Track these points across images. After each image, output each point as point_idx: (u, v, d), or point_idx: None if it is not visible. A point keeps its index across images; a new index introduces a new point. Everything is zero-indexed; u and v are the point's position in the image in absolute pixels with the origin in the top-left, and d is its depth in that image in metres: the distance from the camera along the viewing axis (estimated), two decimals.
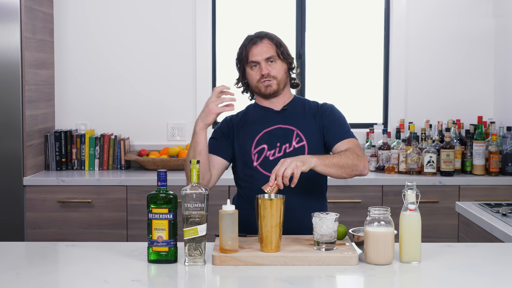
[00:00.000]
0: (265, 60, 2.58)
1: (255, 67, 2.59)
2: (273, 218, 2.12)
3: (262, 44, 2.59)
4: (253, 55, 2.59)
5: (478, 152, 4.02)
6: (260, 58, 2.58)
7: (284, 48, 2.62)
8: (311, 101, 2.71)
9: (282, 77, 2.61)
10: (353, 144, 2.56)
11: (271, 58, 2.58)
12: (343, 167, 2.42)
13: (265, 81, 2.58)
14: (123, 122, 4.48)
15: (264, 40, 2.60)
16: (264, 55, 2.58)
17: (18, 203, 3.89)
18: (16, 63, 3.84)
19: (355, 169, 2.45)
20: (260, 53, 2.58)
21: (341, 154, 2.46)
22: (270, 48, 2.59)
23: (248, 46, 2.60)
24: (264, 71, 2.57)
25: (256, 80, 2.60)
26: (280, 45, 2.61)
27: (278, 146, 2.58)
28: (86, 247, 2.33)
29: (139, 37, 4.48)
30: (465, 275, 2.01)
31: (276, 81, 2.59)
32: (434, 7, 4.48)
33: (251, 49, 2.59)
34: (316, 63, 4.62)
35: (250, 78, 2.63)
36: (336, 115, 2.65)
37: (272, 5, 4.61)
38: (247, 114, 2.70)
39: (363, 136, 4.44)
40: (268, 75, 2.58)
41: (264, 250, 2.13)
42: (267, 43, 2.60)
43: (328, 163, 2.39)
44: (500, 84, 4.41)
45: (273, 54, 2.58)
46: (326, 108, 2.66)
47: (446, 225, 3.88)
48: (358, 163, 2.45)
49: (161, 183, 2.12)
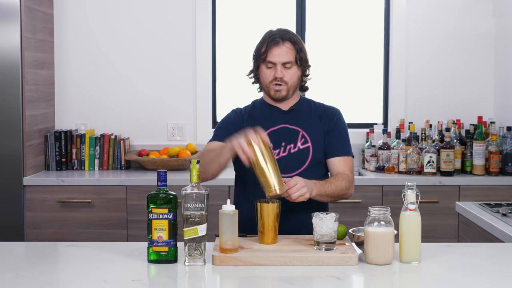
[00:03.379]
0: (282, 64, 2.54)
1: (270, 67, 2.56)
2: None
3: (283, 47, 2.54)
4: (272, 56, 2.54)
5: (478, 152, 4.02)
6: (278, 60, 2.53)
7: (303, 54, 2.58)
8: (317, 102, 2.70)
9: (294, 83, 2.58)
10: (348, 168, 2.60)
11: (288, 63, 2.54)
12: (333, 196, 2.51)
13: (276, 84, 2.56)
14: (123, 122, 4.48)
15: (286, 43, 2.54)
16: (283, 59, 2.53)
17: (18, 203, 3.89)
18: (16, 63, 3.84)
19: (342, 198, 2.57)
20: (280, 55, 2.53)
21: (337, 182, 2.50)
22: (290, 53, 2.54)
23: (270, 44, 2.54)
24: (278, 74, 2.54)
25: (268, 80, 2.57)
26: (301, 51, 2.56)
27: (283, 145, 2.58)
28: (86, 247, 2.33)
29: (139, 37, 4.48)
30: (465, 275, 2.01)
31: (287, 87, 2.56)
32: (434, 6, 4.48)
33: (272, 49, 2.54)
34: (316, 63, 4.60)
35: (263, 76, 2.59)
36: (342, 126, 2.65)
37: (272, 5, 4.61)
38: (254, 109, 2.67)
39: (363, 136, 4.44)
40: (281, 79, 2.55)
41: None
42: (289, 47, 2.54)
43: (324, 193, 2.46)
44: (500, 84, 4.41)
45: (292, 59, 2.54)
46: (334, 114, 2.66)
47: (446, 225, 3.88)
48: (347, 192, 2.55)
49: (161, 183, 2.12)
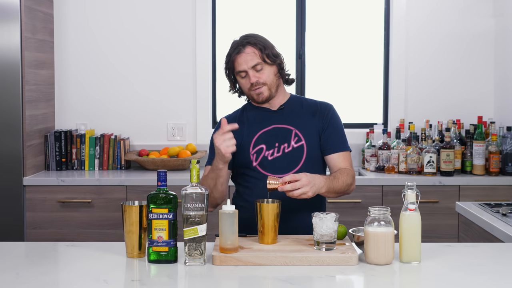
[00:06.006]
0: (251, 68, 2.53)
1: (244, 76, 2.56)
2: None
3: (245, 53, 2.53)
4: (239, 65, 2.55)
5: (478, 152, 4.02)
6: (246, 67, 2.53)
7: (269, 49, 2.56)
8: (309, 99, 2.70)
9: (272, 81, 2.57)
10: (348, 163, 2.61)
11: (257, 65, 2.53)
12: (339, 192, 2.52)
13: (255, 89, 2.55)
14: (123, 122, 4.48)
15: (246, 48, 2.54)
16: (250, 63, 2.53)
17: (18, 203, 3.89)
18: (16, 63, 3.84)
19: (345, 193, 2.57)
20: (245, 61, 2.53)
21: (342, 178, 2.51)
22: (254, 56, 2.53)
23: (232, 55, 2.56)
24: (252, 80, 2.54)
25: (247, 88, 2.58)
26: (265, 48, 2.55)
27: (277, 146, 2.58)
28: (86, 247, 2.33)
29: (139, 37, 4.48)
30: (465, 275, 2.00)
31: (266, 86, 2.56)
32: (434, 6, 4.48)
33: (236, 59, 2.55)
34: (316, 63, 4.62)
35: (241, 86, 2.61)
36: (337, 121, 2.65)
37: (272, 5, 4.61)
38: (244, 113, 2.68)
39: (363, 136, 4.44)
40: (257, 82, 2.54)
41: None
42: (250, 51, 2.54)
43: (332, 190, 2.46)
44: (500, 83, 4.41)
45: (259, 60, 2.53)
46: (328, 110, 2.65)
47: (446, 225, 3.88)
48: (350, 187, 2.56)
49: (161, 183, 2.12)
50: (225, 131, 2.37)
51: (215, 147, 2.40)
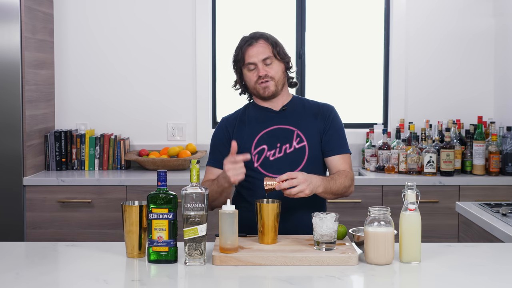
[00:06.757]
0: (262, 61, 2.56)
1: (252, 69, 2.58)
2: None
3: (258, 45, 2.57)
4: (249, 57, 2.57)
5: (478, 152, 4.02)
6: (256, 59, 2.56)
7: (280, 47, 2.61)
8: (311, 100, 2.70)
9: (279, 77, 2.60)
10: (348, 165, 2.62)
11: (267, 59, 2.56)
12: (336, 194, 2.52)
13: (262, 82, 2.57)
14: (123, 122, 4.48)
15: (259, 40, 2.58)
16: (261, 56, 2.56)
17: (18, 203, 3.89)
18: (16, 63, 3.84)
19: (343, 196, 2.57)
20: (257, 54, 2.56)
21: (340, 179, 2.51)
22: (266, 49, 2.57)
23: (244, 47, 2.58)
24: (261, 72, 2.56)
25: (253, 81, 2.59)
26: (276, 45, 2.59)
27: (278, 146, 2.58)
28: (86, 247, 2.33)
29: (139, 37, 4.48)
30: (465, 275, 2.01)
31: (273, 82, 2.58)
32: (434, 6, 4.48)
33: (247, 51, 2.57)
34: (316, 63, 4.62)
35: (247, 80, 2.62)
36: (339, 123, 2.66)
37: (272, 5, 4.61)
38: (246, 113, 2.69)
39: (363, 136, 4.44)
40: (266, 76, 2.56)
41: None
42: (262, 43, 2.58)
43: (329, 191, 2.46)
44: (500, 83, 4.41)
45: (270, 54, 2.57)
46: (330, 111, 2.66)
47: (446, 225, 3.88)
48: (348, 190, 2.57)
49: (161, 183, 2.12)
50: (237, 161, 2.38)
51: (224, 170, 2.41)
